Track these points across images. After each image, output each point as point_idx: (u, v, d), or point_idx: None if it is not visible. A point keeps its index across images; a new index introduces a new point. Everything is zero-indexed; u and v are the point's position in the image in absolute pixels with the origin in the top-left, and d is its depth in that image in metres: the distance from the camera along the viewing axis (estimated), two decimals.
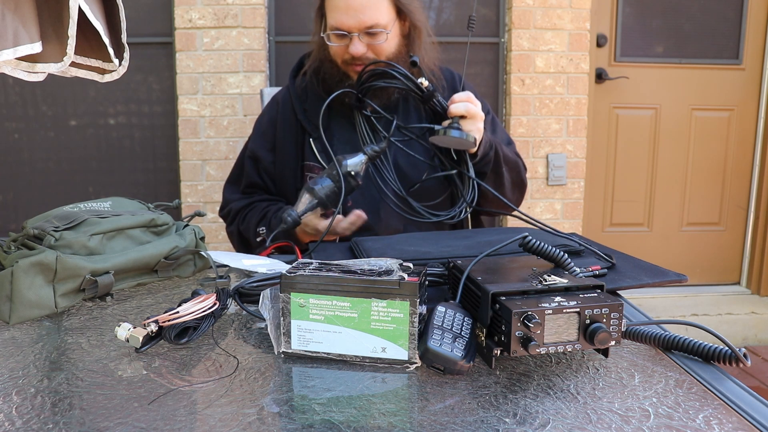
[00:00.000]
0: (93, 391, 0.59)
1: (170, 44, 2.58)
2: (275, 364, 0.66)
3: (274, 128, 1.42)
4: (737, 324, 2.88)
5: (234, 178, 1.48)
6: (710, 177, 3.04)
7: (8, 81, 2.58)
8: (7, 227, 2.65)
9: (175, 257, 0.97)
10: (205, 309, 0.71)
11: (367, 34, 1.28)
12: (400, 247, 1.00)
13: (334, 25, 1.29)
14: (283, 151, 1.39)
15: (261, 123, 1.46)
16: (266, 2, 2.57)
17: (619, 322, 0.61)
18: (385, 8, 1.29)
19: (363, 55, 1.29)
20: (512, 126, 2.69)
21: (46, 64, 0.80)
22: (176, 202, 1.14)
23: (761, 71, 2.97)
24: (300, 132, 1.38)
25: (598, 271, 0.87)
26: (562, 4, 2.64)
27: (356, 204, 1.31)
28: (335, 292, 0.64)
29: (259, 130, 1.45)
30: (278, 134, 1.40)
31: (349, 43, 1.29)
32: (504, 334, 0.60)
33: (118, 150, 2.67)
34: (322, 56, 1.36)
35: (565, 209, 2.78)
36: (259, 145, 1.42)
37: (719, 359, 0.64)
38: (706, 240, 3.10)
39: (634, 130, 2.96)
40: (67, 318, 0.81)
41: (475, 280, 0.67)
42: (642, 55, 2.89)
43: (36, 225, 0.88)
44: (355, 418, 0.53)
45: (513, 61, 2.66)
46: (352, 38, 1.28)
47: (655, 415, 0.54)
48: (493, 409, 0.55)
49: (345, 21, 1.27)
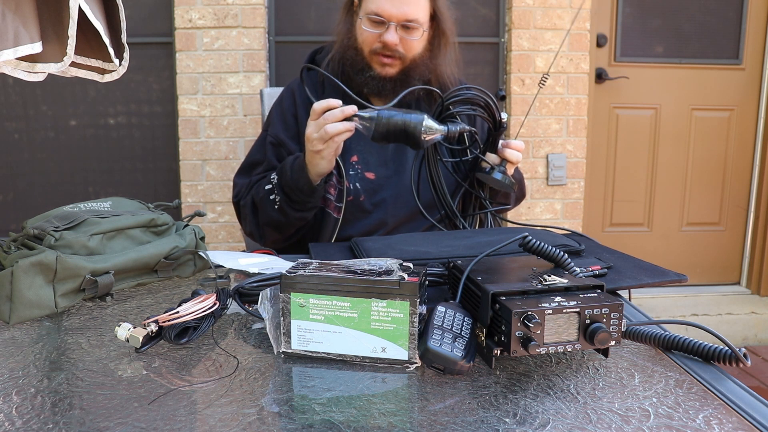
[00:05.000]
0: (93, 391, 0.59)
1: (170, 44, 2.58)
2: (275, 364, 0.66)
3: (294, 117, 1.40)
4: (737, 324, 2.88)
5: (246, 168, 1.44)
6: (710, 177, 3.04)
7: (8, 81, 2.58)
8: (7, 227, 2.65)
9: (175, 257, 0.97)
10: (205, 309, 0.71)
11: (404, 27, 1.28)
12: (400, 247, 1.00)
13: (374, 10, 1.28)
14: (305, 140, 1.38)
15: (280, 111, 1.43)
16: (266, 2, 2.57)
17: (619, 322, 0.61)
18: (426, 7, 1.30)
19: (395, 46, 1.29)
20: (512, 126, 2.69)
21: (46, 64, 0.80)
22: (176, 202, 1.14)
23: (761, 71, 2.97)
24: None
25: (598, 271, 0.87)
26: (562, 4, 2.64)
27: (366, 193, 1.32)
28: (335, 292, 0.64)
29: (280, 117, 1.42)
30: (300, 122, 1.38)
31: (383, 32, 1.28)
32: (504, 334, 0.60)
33: (118, 150, 2.67)
34: (347, 44, 1.35)
35: (565, 209, 2.78)
36: (281, 131, 1.40)
37: (719, 359, 0.64)
38: (706, 240, 3.10)
39: (634, 130, 2.96)
40: (67, 318, 0.81)
41: (475, 280, 0.67)
42: (642, 55, 2.89)
43: (36, 225, 0.88)
44: (355, 418, 0.53)
45: (513, 61, 2.66)
46: (388, 27, 1.28)
47: (655, 415, 0.54)
48: (493, 409, 0.55)
49: (388, 8, 1.27)
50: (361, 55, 1.33)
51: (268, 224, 1.29)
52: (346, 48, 1.34)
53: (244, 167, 1.44)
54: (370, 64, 1.32)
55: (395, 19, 1.27)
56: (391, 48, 1.29)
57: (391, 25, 1.27)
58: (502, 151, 1.25)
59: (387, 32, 1.28)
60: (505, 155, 1.25)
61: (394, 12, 1.26)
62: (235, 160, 2.58)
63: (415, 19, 1.28)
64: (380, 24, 1.28)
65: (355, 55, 1.33)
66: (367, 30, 1.30)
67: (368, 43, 1.31)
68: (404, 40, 1.29)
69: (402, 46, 1.29)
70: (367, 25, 1.30)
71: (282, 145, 1.38)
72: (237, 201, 1.39)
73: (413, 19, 1.27)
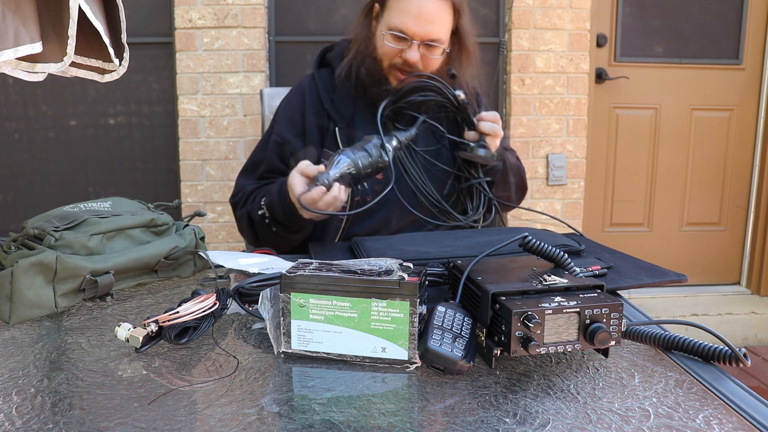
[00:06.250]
0: (93, 391, 0.59)
1: (170, 44, 2.58)
2: (275, 364, 0.66)
3: (302, 116, 1.38)
4: (737, 324, 2.88)
5: (250, 167, 1.43)
6: (710, 177, 3.04)
7: (8, 81, 2.58)
8: (7, 227, 2.65)
9: (175, 257, 0.97)
10: (205, 309, 0.71)
11: (427, 45, 1.26)
12: (400, 247, 1.00)
13: (398, 26, 1.25)
14: (311, 139, 1.37)
15: (288, 109, 1.42)
16: (266, 2, 2.57)
17: (619, 322, 0.61)
18: (449, 26, 1.28)
19: (415, 64, 1.27)
20: (512, 126, 2.69)
21: (46, 64, 0.80)
22: (176, 202, 1.14)
23: (761, 71, 2.97)
24: (326, 120, 1.36)
25: (598, 271, 0.87)
26: (562, 4, 2.64)
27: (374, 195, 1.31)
28: (335, 292, 0.64)
29: (287, 115, 1.41)
30: (307, 121, 1.37)
31: (406, 48, 1.26)
32: (504, 334, 0.60)
33: (118, 150, 2.67)
34: (366, 51, 1.33)
35: (565, 209, 2.78)
36: (286, 129, 1.38)
37: (719, 359, 0.64)
38: (706, 240, 3.10)
39: (634, 130, 2.96)
40: (67, 318, 0.81)
41: (475, 280, 0.67)
42: (642, 55, 2.89)
43: (36, 225, 0.88)
44: (355, 418, 0.53)
45: (513, 61, 2.66)
46: (411, 45, 1.26)
47: (655, 415, 0.54)
48: (493, 409, 0.55)
49: (412, 27, 1.24)
50: (380, 66, 1.31)
51: (268, 242, 1.28)
52: (364, 56, 1.32)
53: (248, 166, 1.43)
54: (387, 76, 1.31)
55: (419, 38, 1.25)
56: (413, 66, 1.27)
57: (414, 44, 1.25)
58: (477, 126, 1.26)
59: (409, 50, 1.26)
60: (480, 128, 1.25)
61: (418, 31, 1.24)
62: (235, 160, 2.58)
63: (438, 39, 1.26)
64: (402, 40, 1.26)
65: (373, 65, 1.31)
66: (389, 45, 1.28)
67: (388, 57, 1.29)
68: (425, 58, 1.28)
69: (422, 62, 1.28)
70: (390, 40, 1.27)
71: (286, 143, 1.36)
72: (234, 203, 1.38)
73: (437, 39, 1.26)
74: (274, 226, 1.24)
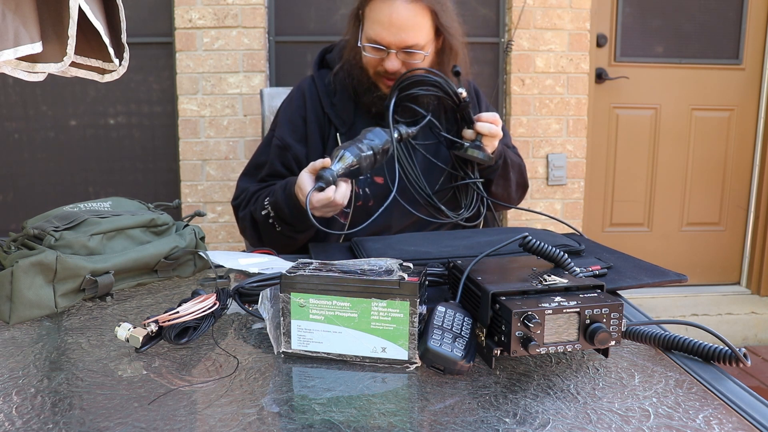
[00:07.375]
0: (93, 391, 0.59)
1: (170, 44, 2.58)
2: (275, 364, 0.66)
3: (303, 120, 1.38)
4: (737, 324, 2.88)
5: (251, 170, 1.42)
6: (710, 177, 3.04)
7: (8, 81, 2.58)
8: (7, 227, 2.65)
9: (175, 257, 0.97)
10: (205, 309, 0.71)
11: (405, 52, 1.26)
12: (400, 247, 1.00)
13: (372, 37, 1.25)
14: (312, 143, 1.37)
15: (288, 112, 1.41)
16: (266, 2, 2.57)
17: (619, 322, 0.61)
18: (427, 29, 1.26)
19: (397, 71, 1.27)
20: (512, 126, 2.69)
21: (46, 64, 0.80)
22: (176, 202, 1.14)
23: (761, 71, 2.97)
24: (327, 124, 1.36)
25: (598, 271, 0.87)
26: (562, 4, 2.64)
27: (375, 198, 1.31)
28: (335, 292, 0.64)
29: (287, 119, 1.40)
30: (308, 126, 1.37)
31: (384, 57, 1.26)
32: (504, 334, 0.60)
33: (118, 150, 2.67)
34: (353, 61, 1.33)
35: (565, 209, 2.78)
36: (287, 133, 1.38)
37: (719, 359, 0.64)
38: (706, 240, 3.10)
39: (634, 130, 2.96)
40: (67, 318, 0.81)
41: (475, 280, 0.67)
42: (642, 55, 2.89)
43: (36, 225, 0.88)
44: (355, 418, 0.53)
45: (513, 61, 2.66)
46: (389, 54, 1.26)
47: (655, 415, 0.54)
48: (493, 409, 0.55)
49: (385, 36, 1.24)
50: (366, 75, 1.31)
51: (272, 243, 1.27)
52: (353, 66, 1.33)
53: (249, 169, 1.42)
54: (376, 83, 1.31)
55: (395, 47, 1.25)
56: (394, 73, 1.27)
57: (391, 53, 1.25)
58: (475, 127, 1.25)
59: (388, 59, 1.26)
60: (477, 129, 1.24)
61: (392, 40, 1.24)
62: (235, 161, 2.58)
63: (415, 44, 1.25)
64: (380, 50, 1.26)
65: (360, 74, 1.32)
66: (368, 56, 1.28)
67: (372, 66, 1.30)
68: (407, 64, 1.27)
69: (405, 69, 1.27)
70: (368, 51, 1.28)
71: (288, 148, 1.36)
72: (236, 206, 1.37)
73: (413, 45, 1.25)
74: (279, 225, 1.23)
